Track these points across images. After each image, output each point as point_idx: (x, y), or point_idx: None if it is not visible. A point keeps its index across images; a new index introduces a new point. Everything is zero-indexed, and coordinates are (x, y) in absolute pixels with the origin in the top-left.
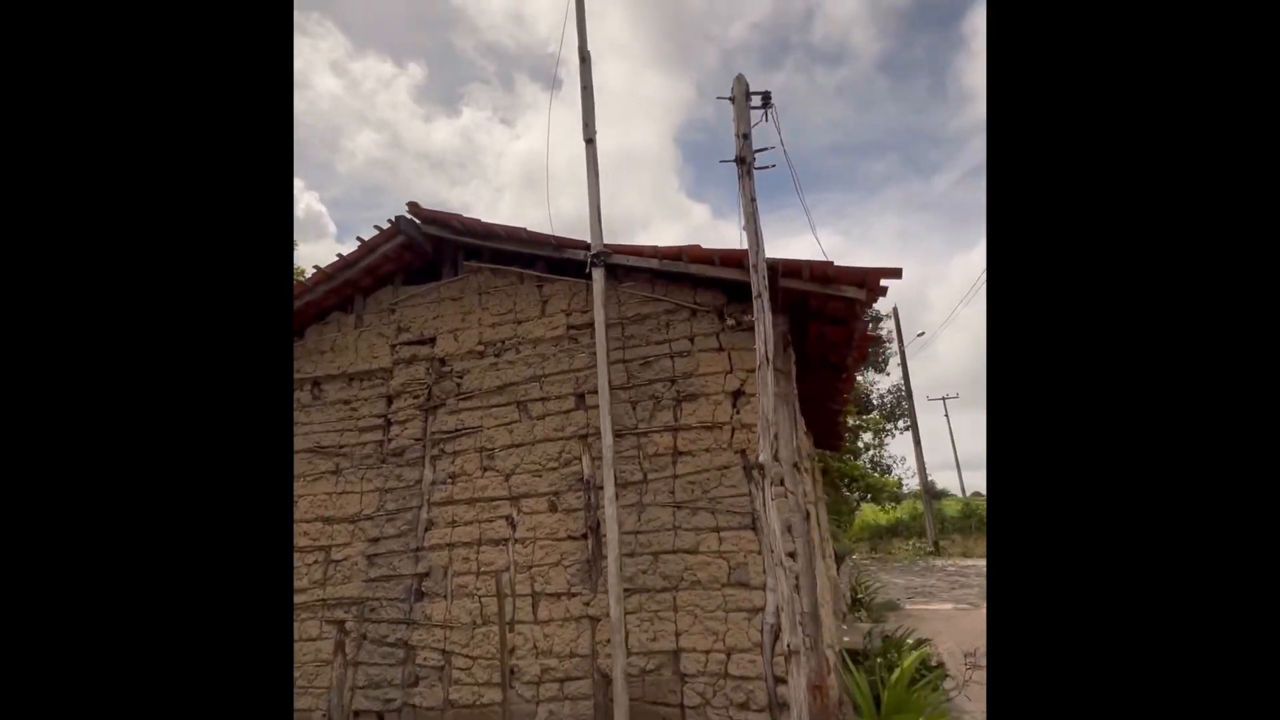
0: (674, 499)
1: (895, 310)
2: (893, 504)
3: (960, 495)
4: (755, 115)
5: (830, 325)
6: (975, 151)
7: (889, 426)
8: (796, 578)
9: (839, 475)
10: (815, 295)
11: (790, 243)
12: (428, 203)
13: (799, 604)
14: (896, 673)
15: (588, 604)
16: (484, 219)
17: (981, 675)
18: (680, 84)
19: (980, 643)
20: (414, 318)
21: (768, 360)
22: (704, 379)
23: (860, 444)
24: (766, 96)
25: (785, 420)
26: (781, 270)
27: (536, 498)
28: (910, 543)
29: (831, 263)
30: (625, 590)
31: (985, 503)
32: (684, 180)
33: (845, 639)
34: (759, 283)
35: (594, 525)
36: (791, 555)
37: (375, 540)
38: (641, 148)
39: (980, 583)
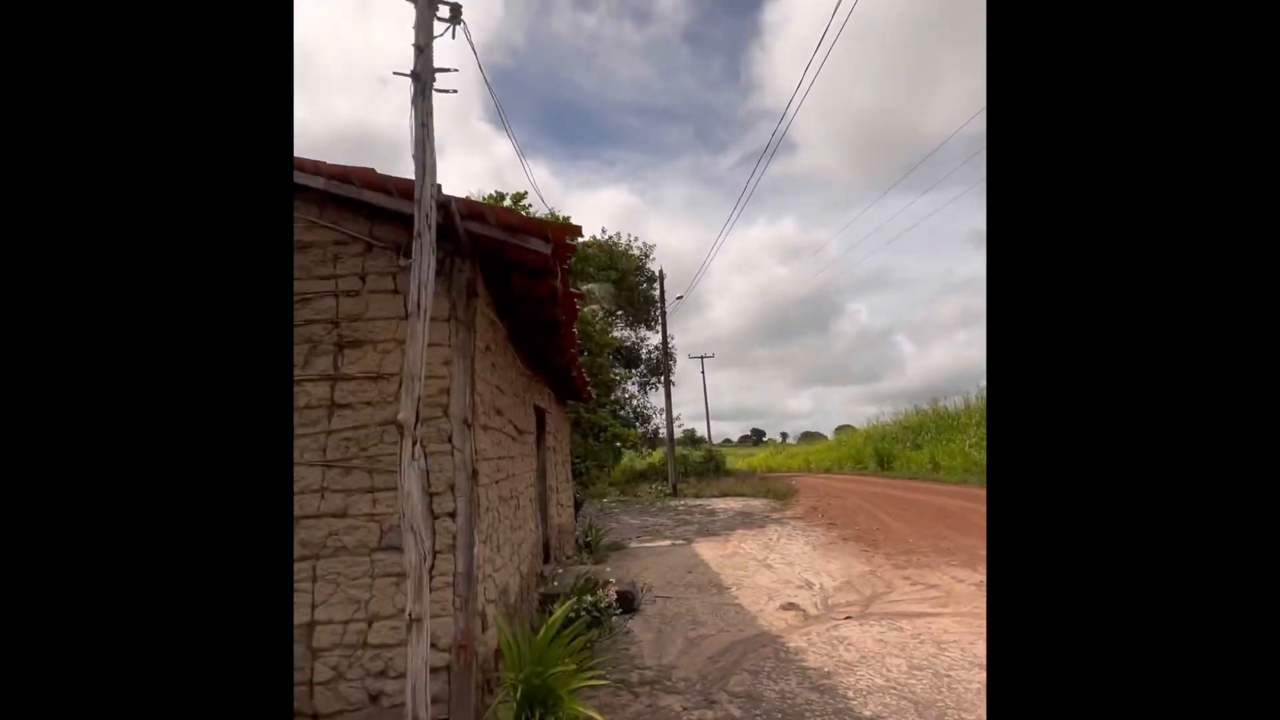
0: (324, 458)
1: (660, 273)
2: (649, 450)
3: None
4: (446, 28)
5: (530, 278)
6: (757, 136)
7: (653, 380)
8: (454, 538)
9: (589, 426)
10: (511, 245)
11: (597, 193)
12: None
13: (456, 565)
14: (544, 627)
15: None
16: None
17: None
18: None
19: (676, 574)
20: None
21: (420, 308)
22: (374, 324)
23: (624, 393)
24: (456, 10)
25: (461, 374)
26: (464, 212)
27: None
28: (654, 485)
29: (515, 210)
30: None
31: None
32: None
33: (555, 583)
34: (421, 220)
35: None
36: (452, 515)
37: None
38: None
39: (701, 519)
